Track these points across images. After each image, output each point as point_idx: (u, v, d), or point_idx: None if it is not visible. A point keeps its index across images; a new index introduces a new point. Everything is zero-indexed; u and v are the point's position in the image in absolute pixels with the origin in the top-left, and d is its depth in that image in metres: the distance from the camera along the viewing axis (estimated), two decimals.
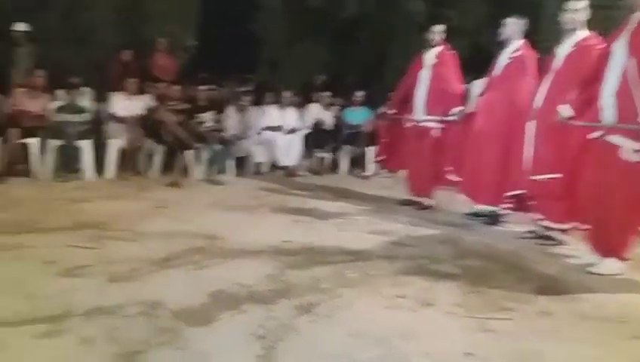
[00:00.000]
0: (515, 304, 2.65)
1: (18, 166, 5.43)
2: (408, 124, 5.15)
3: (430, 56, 5.04)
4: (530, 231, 4.10)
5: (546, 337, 2.32)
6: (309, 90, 8.17)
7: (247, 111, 7.04)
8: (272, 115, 7.30)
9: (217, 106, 6.95)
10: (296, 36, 9.49)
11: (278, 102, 7.44)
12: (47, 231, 3.57)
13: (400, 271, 3.10)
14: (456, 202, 4.84)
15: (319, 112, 7.68)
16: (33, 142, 5.59)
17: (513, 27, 4.40)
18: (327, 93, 7.83)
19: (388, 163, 5.76)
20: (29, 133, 5.61)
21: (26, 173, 5.51)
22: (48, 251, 3.12)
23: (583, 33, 3.80)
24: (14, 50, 6.78)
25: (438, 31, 5.04)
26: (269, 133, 7.13)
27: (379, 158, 5.90)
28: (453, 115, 4.78)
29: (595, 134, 3.33)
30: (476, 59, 4.90)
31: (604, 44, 3.50)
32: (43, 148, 5.65)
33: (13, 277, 2.69)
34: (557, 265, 3.40)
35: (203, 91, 6.73)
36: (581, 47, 3.75)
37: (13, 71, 6.69)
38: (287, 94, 7.46)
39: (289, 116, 7.39)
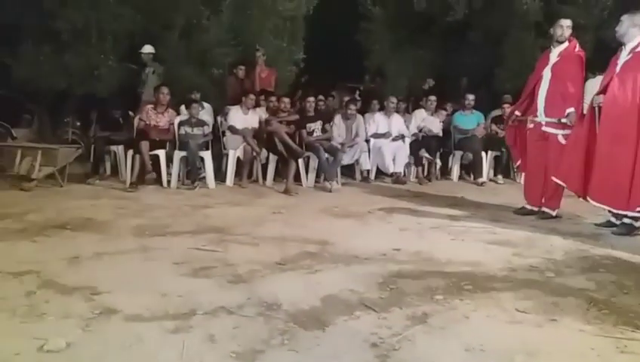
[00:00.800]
0: None
1: (148, 175, 5.93)
2: (531, 125, 4.85)
3: (554, 54, 4.71)
4: None
5: None
6: (416, 96, 8.05)
7: (354, 119, 7.10)
8: (379, 122, 7.29)
9: (325, 116, 7.11)
10: (401, 42, 9.41)
11: (384, 109, 7.42)
12: (175, 235, 3.88)
13: (522, 284, 2.91)
14: (583, 211, 4.46)
15: (425, 118, 7.53)
16: (161, 154, 6.10)
17: (629, 23, 4.04)
18: (433, 98, 7.65)
19: (524, 167, 5.27)
20: (157, 145, 6.14)
21: (156, 181, 6.02)
22: (177, 253, 3.38)
23: None
24: (143, 70, 7.50)
25: (565, 25, 4.67)
26: (376, 140, 7.13)
27: (516, 164, 5.57)
28: (566, 117, 4.46)
29: None
30: (601, 57, 4.48)
31: None
32: (169, 159, 6.16)
33: (147, 276, 2.94)
34: None
35: (306, 102, 6.93)
36: None
37: (142, 89, 7.40)
38: (393, 101, 7.42)
39: (396, 123, 7.33)
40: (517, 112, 5.01)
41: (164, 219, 4.41)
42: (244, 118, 6.56)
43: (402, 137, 7.24)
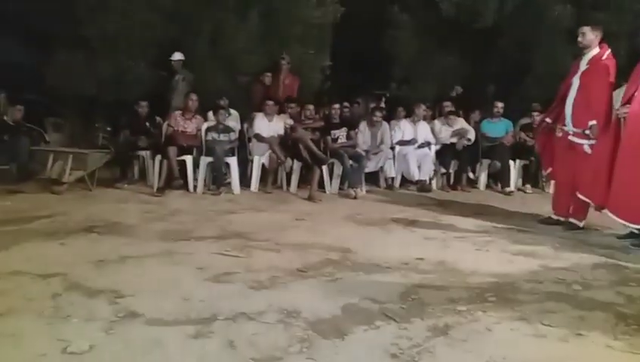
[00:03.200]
0: None
1: (176, 181, 6.02)
2: (559, 134, 4.74)
3: (584, 62, 4.60)
4: None
5: None
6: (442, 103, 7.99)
7: (379, 126, 7.08)
8: (405, 129, 7.25)
9: (350, 123, 7.11)
10: (429, 49, 9.34)
11: (410, 116, 7.38)
12: (199, 240, 3.92)
13: (548, 296, 2.84)
14: (611, 223, 4.34)
15: (442, 128, 7.46)
16: (188, 159, 6.19)
17: None
18: (447, 103, 7.58)
19: (554, 175, 5.16)
20: (185, 151, 6.23)
21: (182, 186, 6.10)
22: (200, 258, 3.41)
23: None
24: (172, 77, 7.63)
25: (582, 31, 4.56)
26: (401, 147, 7.08)
27: (545, 172, 5.45)
28: (589, 130, 4.37)
29: None
30: (634, 65, 4.34)
31: None
32: (196, 164, 6.24)
33: (170, 279, 2.98)
34: None
35: (334, 109, 6.93)
36: None
37: (172, 96, 7.53)
38: (423, 108, 7.37)
39: (422, 130, 7.27)
40: (548, 119, 4.91)
41: (189, 224, 4.46)
42: (268, 125, 6.61)
43: (428, 144, 7.18)
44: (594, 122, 4.36)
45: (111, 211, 4.89)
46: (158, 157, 6.20)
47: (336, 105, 7.02)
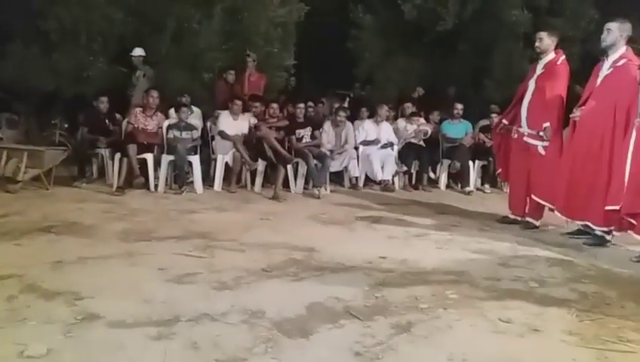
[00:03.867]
0: (639, 336, 2.39)
1: (136, 180, 5.88)
2: (515, 135, 4.89)
3: (540, 65, 4.76)
4: None
5: None
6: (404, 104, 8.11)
7: (343, 126, 7.12)
8: (368, 129, 7.32)
9: (315, 122, 7.13)
10: (392, 51, 9.47)
11: (373, 116, 7.46)
12: (161, 240, 3.85)
13: (506, 294, 2.93)
14: (565, 222, 4.51)
15: (406, 126, 7.59)
16: (149, 158, 6.07)
17: (618, 33, 4.06)
18: (408, 105, 7.72)
19: (505, 176, 5.36)
20: (145, 149, 6.10)
21: (143, 185, 5.98)
22: (162, 258, 3.35)
23: None
24: (133, 73, 7.47)
25: (539, 37, 4.72)
26: (365, 147, 7.15)
27: (497, 172, 5.61)
28: (543, 131, 4.54)
29: None
30: (587, 69, 4.53)
31: None
32: (157, 163, 6.12)
33: (131, 281, 2.92)
34: None
35: (299, 108, 6.94)
36: None
37: (132, 92, 7.37)
38: (385, 109, 7.46)
39: (385, 130, 7.37)
40: (505, 121, 5.06)
41: (150, 224, 4.38)
42: (234, 123, 6.54)
43: (391, 145, 7.27)
44: (547, 124, 4.53)
45: (69, 211, 4.74)
46: (118, 155, 6.04)
47: (301, 105, 7.02)
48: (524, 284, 3.11)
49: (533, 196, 4.68)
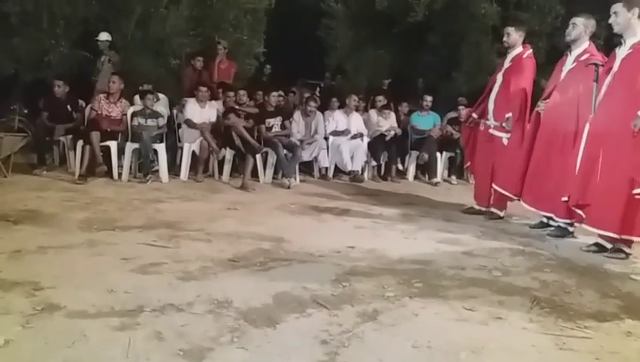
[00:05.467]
0: (595, 322, 2.48)
1: (99, 168, 5.73)
2: (482, 127, 4.97)
3: (508, 59, 4.84)
4: (595, 244, 3.84)
5: (630, 360, 2.15)
6: (374, 95, 8.14)
7: (313, 116, 7.10)
8: (338, 119, 7.32)
9: (285, 112, 7.08)
10: (362, 41, 9.48)
11: (344, 107, 7.46)
12: (124, 229, 3.77)
13: (470, 282, 2.99)
14: (530, 213, 4.62)
15: (377, 117, 7.62)
16: (112, 145, 5.92)
17: (583, 28, 4.16)
18: (380, 98, 7.75)
19: (472, 168, 5.44)
20: (109, 136, 5.94)
21: (106, 174, 5.83)
22: (126, 248, 3.28)
23: None
24: (97, 58, 7.25)
25: (507, 31, 4.81)
26: (335, 137, 7.15)
27: (466, 165, 5.70)
28: (505, 121, 4.65)
29: None
30: (553, 63, 4.63)
31: None
32: (121, 151, 5.98)
33: (94, 271, 2.85)
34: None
35: (271, 97, 6.88)
36: (638, 50, 3.55)
37: (96, 78, 7.16)
38: (355, 100, 7.46)
39: (355, 121, 7.38)
40: (474, 114, 5.13)
41: (113, 213, 4.28)
42: (200, 111, 6.43)
43: (361, 135, 7.29)
44: (509, 114, 4.63)
45: (28, 199, 4.59)
46: (80, 142, 5.87)
47: (274, 93, 6.97)
48: (488, 273, 3.18)
49: (493, 185, 4.77)
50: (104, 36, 7.19)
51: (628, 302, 2.80)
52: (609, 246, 3.74)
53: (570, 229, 4.26)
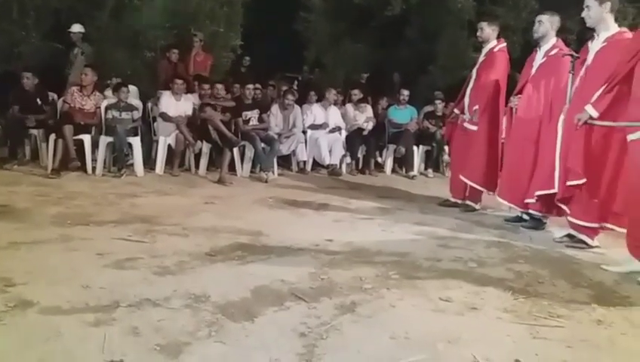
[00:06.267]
0: (567, 311, 2.54)
1: (72, 161, 5.62)
2: (459, 122, 5.04)
3: (482, 54, 4.91)
4: (567, 235, 3.93)
5: (601, 347, 2.21)
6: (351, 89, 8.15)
7: (291, 109, 7.08)
8: (316, 113, 7.31)
9: (263, 105, 7.04)
10: (340, 35, 9.47)
11: (322, 100, 7.46)
12: (99, 224, 3.70)
13: (446, 273, 3.03)
14: (505, 205, 4.69)
15: (353, 111, 7.64)
16: (86, 139, 5.80)
17: (548, 25, 4.24)
18: (355, 91, 7.78)
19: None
20: (82, 129, 5.83)
21: (80, 168, 5.72)
22: (100, 243, 3.23)
23: (614, 28, 3.69)
24: (70, 50, 7.09)
25: (480, 26, 4.87)
26: (313, 131, 7.15)
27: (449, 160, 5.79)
28: (473, 113, 4.71)
29: (635, 135, 3.13)
30: (528, 57, 4.70)
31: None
32: (95, 144, 5.86)
33: (68, 267, 2.79)
34: (611, 272, 3.23)
35: (248, 90, 6.83)
36: (611, 43, 3.64)
37: (69, 70, 7.00)
38: (333, 93, 7.46)
39: (333, 115, 7.38)
40: (456, 110, 5.19)
41: (87, 208, 4.20)
42: (176, 104, 6.35)
43: (339, 129, 7.30)
44: (476, 107, 4.69)
45: None
46: (53, 136, 5.74)
47: (250, 86, 6.92)
48: (464, 264, 3.23)
49: (460, 176, 4.81)
50: (77, 28, 7.03)
51: (598, 291, 2.88)
52: (580, 236, 3.83)
53: (544, 221, 4.34)
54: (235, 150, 6.26)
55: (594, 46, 3.76)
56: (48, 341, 1.97)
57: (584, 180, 3.56)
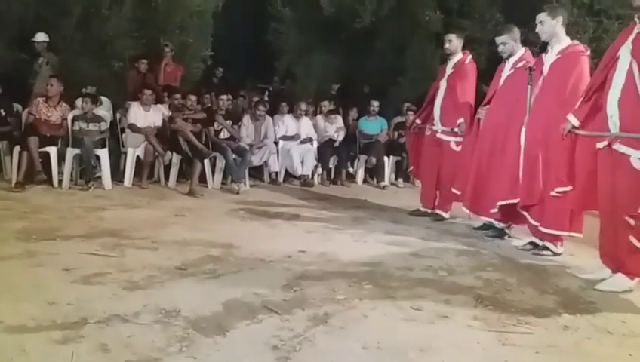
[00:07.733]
0: (535, 318, 2.60)
1: (37, 174, 5.48)
2: (428, 133, 5.12)
3: (449, 66, 5.00)
4: (530, 243, 4.03)
5: (568, 352, 2.26)
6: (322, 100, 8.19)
7: (262, 120, 7.07)
8: (288, 124, 7.32)
9: (233, 116, 7.01)
10: (311, 46, 9.52)
11: (293, 111, 7.48)
12: (66, 239, 3.62)
13: (417, 283, 3.06)
14: (469, 216, 4.78)
15: (323, 123, 7.69)
16: (52, 151, 5.67)
17: (511, 42, 4.33)
18: (325, 103, 7.83)
19: (416, 173, 5.62)
20: (48, 141, 5.69)
21: (46, 181, 5.57)
22: (67, 258, 3.15)
23: (566, 41, 3.86)
24: (35, 60, 6.93)
25: (447, 39, 4.98)
26: (285, 142, 7.15)
27: (410, 170, 5.84)
28: (457, 127, 4.79)
29: (601, 144, 3.25)
30: (494, 69, 4.82)
31: (588, 52, 3.72)
32: (61, 157, 5.73)
33: (33, 283, 2.72)
34: (576, 278, 3.33)
35: (222, 100, 6.80)
36: (565, 55, 3.80)
37: (34, 81, 6.84)
38: (302, 107, 7.49)
39: (304, 125, 7.40)
40: (418, 120, 5.27)
41: (53, 222, 4.10)
42: (145, 115, 6.26)
43: (310, 140, 7.32)
44: (461, 120, 4.78)
45: None
46: (17, 148, 5.58)
47: (223, 97, 6.89)
48: (434, 273, 3.27)
49: (452, 189, 4.85)
50: (41, 37, 6.87)
51: (564, 297, 2.96)
52: (541, 244, 3.93)
53: (507, 231, 4.43)
54: (206, 161, 6.21)
55: (548, 58, 3.90)
56: (12, 360, 1.92)
57: (570, 188, 3.61)
